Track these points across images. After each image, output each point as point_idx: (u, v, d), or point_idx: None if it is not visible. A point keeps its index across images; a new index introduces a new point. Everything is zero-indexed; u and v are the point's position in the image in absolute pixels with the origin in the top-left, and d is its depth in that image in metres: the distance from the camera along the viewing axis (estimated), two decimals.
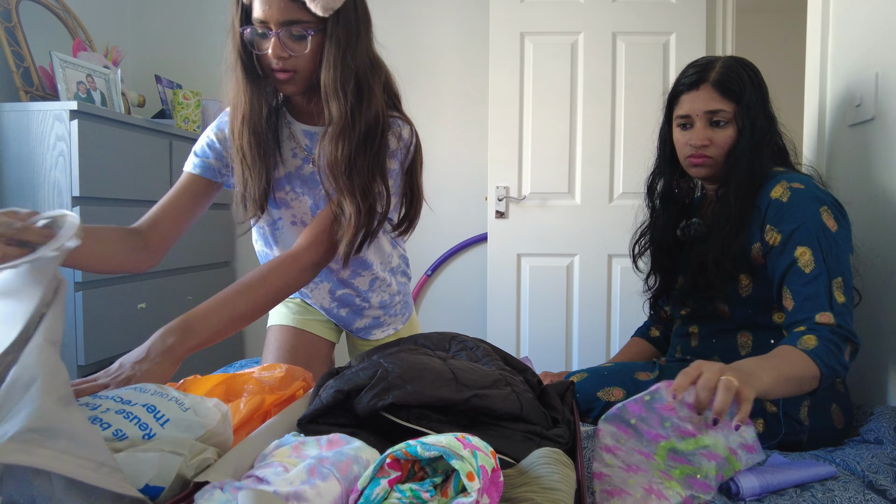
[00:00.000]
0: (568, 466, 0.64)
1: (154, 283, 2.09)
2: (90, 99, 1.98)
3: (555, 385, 0.89)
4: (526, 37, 2.37)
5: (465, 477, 0.52)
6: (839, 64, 1.38)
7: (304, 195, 1.13)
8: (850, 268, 1.01)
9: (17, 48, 1.93)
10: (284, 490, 0.53)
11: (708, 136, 1.11)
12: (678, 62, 2.31)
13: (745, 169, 1.07)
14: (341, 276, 1.23)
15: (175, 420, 0.65)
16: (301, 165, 1.11)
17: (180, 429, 0.65)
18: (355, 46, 0.99)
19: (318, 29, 0.97)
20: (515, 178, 2.41)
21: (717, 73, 1.10)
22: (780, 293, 1.03)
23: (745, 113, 1.08)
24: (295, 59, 0.98)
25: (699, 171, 1.14)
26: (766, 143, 1.09)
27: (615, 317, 2.41)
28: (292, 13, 0.94)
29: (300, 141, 1.11)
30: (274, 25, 0.95)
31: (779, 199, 1.03)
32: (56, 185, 1.75)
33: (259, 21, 0.96)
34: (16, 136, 1.77)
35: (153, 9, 2.71)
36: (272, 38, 0.96)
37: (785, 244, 1.01)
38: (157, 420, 0.65)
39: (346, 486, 0.57)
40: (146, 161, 2.05)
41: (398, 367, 0.74)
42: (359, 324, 1.34)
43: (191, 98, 2.40)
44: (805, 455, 0.97)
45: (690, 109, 1.12)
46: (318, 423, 0.72)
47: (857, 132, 1.32)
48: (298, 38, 0.97)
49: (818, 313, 0.96)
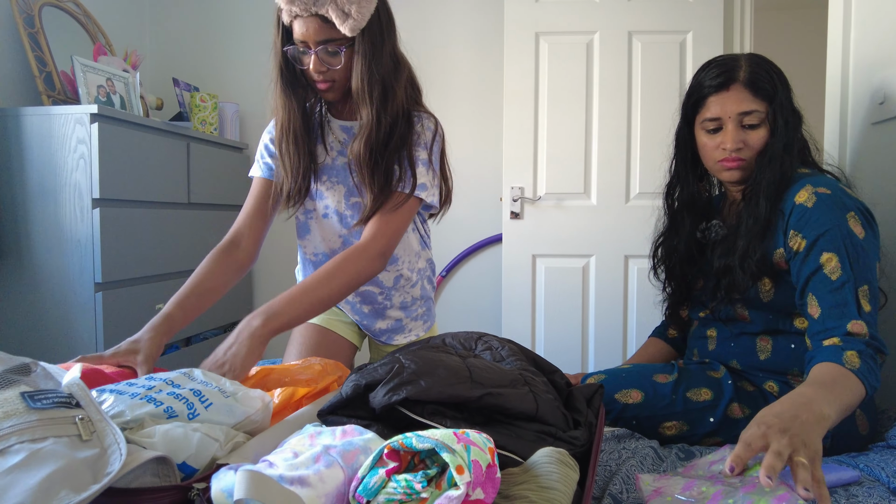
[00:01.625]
0: (570, 467, 0.64)
1: (171, 284, 2.12)
2: (110, 102, 2.01)
3: (583, 388, 0.89)
4: (541, 37, 2.36)
5: (454, 470, 0.53)
6: (861, 61, 1.35)
7: (339, 184, 1.25)
8: (876, 275, 0.98)
9: (40, 53, 1.97)
10: (289, 474, 0.55)
11: (742, 138, 1.07)
12: (695, 61, 2.28)
13: (777, 170, 1.04)
14: None
15: (217, 405, 0.72)
16: (336, 157, 1.25)
17: (222, 413, 0.72)
18: (380, 55, 1.12)
19: (349, 45, 1.11)
20: (530, 179, 2.40)
21: (746, 71, 1.06)
22: (804, 299, 1.00)
23: (779, 112, 1.05)
24: (332, 71, 1.12)
25: (732, 174, 1.10)
26: (795, 142, 1.07)
27: (632, 318, 2.39)
28: (326, 33, 1.09)
29: (338, 136, 1.25)
30: (312, 44, 1.10)
31: (803, 204, 1.01)
32: (77, 188, 1.78)
33: (299, 41, 1.11)
34: (38, 139, 1.80)
35: (171, 12, 2.75)
36: (311, 55, 1.11)
37: (810, 249, 0.99)
38: (202, 403, 0.72)
39: (350, 475, 0.59)
40: (164, 163, 2.08)
41: (414, 364, 0.75)
42: (380, 325, 1.36)
43: (208, 100, 2.43)
44: (828, 460, 0.95)
45: (721, 112, 1.07)
46: (337, 415, 0.75)
47: (880, 130, 1.29)
48: (333, 54, 1.11)
49: (850, 322, 0.93)
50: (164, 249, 2.08)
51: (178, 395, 0.72)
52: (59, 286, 1.80)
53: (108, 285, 1.83)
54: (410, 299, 1.37)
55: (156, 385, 0.73)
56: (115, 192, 1.84)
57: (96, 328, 1.79)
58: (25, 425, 0.54)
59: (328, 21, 1.07)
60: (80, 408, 0.59)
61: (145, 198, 1.99)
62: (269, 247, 2.75)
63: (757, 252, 1.04)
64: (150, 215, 2.00)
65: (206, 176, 2.32)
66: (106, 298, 1.80)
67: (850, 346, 0.91)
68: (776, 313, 1.07)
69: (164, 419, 0.68)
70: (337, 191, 1.25)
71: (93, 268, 1.78)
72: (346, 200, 1.25)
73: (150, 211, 2.01)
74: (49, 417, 0.56)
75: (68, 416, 0.57)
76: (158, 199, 2.05)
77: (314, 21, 1.07)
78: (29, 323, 1.82)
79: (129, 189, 1.91)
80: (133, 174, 1.92)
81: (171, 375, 0.77)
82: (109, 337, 1.81)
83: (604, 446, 0.97)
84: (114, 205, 1.85)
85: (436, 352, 0.82)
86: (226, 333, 2.48)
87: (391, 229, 1.15)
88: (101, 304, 1.79)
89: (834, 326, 0.94)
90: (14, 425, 0.54)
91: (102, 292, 1.79)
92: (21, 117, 1.80)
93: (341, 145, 1.24)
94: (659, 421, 1.06)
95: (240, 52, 2.74)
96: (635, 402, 1.07)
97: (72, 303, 1.80)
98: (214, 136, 2.42)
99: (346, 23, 1.07)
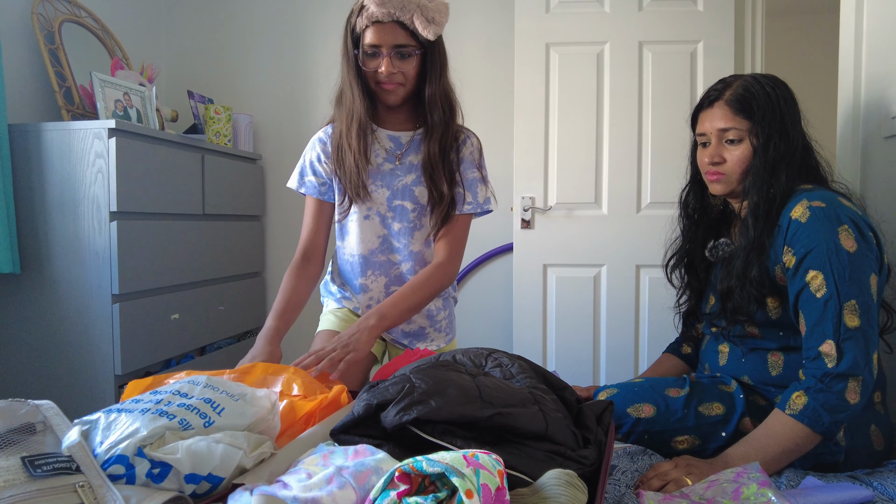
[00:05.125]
0: (579, 489, 0.65)
1: (187, 294, 2.15)
2: (127, 116, 2.05)
3: (593, 405, 0.89)
4: (551, 47, 2.37)
5: (464, 494, 0.54)
6: (873, 75, 1.35)
7: (383, 187, 1.35)
8: (870, 289, 0.97)
9: (60, 69, 2.01)
10: (303, 496, 0.57)
11: (720, 153, 1.12)
12: (706, 70, 2.28)
13: (762, 188, 1.06)
14: (399, 271, 1.40)
15: (230, 409, 0.75)
16: (382, 163, 1.35)
17: (234, 415, 0.74)
18: (446, 67, 1.31)
19: (419, 51, 1.25)
20: (541, 188, 2.40)
21: (734, 90, 1.10)
22: (797, 317, 1.02)
23: (759, 130, 1.07)
24: (400, 74, 1.25)
25: (715, 187, 1.15)
26: (785, 162, 1.07)
27: (643, 328, 2.38)
28: (402, 38, 1.22)
29: (384, 144, 1.36)
30: (386, 49, 1.22)
31: (798, 219, 1.01)
32: (95, 201, 1.82)
33: (371, 45, 1.22)
34: (58, 154, 1.84)
35: (186, 25, 2.79)
36: (384, 58, 1.23)
37: (798, 267, 1.00)
38: (214, 409, 0.74)
39: (362, 496, 0.60)
40: (179, 175, 2.12)
41: (424, 383, 0.75)
42: (405, 327, 1.43)
43: (222, 112, 2.46)
44: (841, 477, 0.95)
45: (706, 127, 1.14)
46: (349, 434, 0.76)
47: (893, 144, 1.29)
48: (405, 57, 1.24)
49: (822, 343, 0.97)
50: (180, 260, 2.11)
51: (190, 405, 0.73)
52: (77, 297, 1.84)
53: (126, 296, 1.86)
54: (435, 309, 1.45)
55: (164, 398, 0.74)
56: (132, 205, 1.88)
57: (113, 339, 1.82)
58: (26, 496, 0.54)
59: (405, 27, 1.21)
60: (81, 473, 0.60)
61: (161, 210, 2.02)
62: (280, 260, 2.78)
63: (752, 272, 1.05)
64: (165, 227, 2.03)
65: (220, 187, 2.35)
66: (123, 309, 1.83)
67: (802, 384, 0.97)
68: (786, 329, 1.07)
69: (181, 431, 0.69)
70: (381, 194, 1.35)
71: (110, 279, 1.81)
72: (389, 203, 1.35)
73: (166, 223, 2.04)
74: (49, 486, 0.56)
75: (68, 484, 0.58)
76: (174, 210, 2.09)
77: (392, 26, 1.21)
78: (48, 333, 1.86)
79: (146, 201, 1.94)
80: (149, 187, 1.95)
81: (177, 386, 0.78)
82: (127, 347, 1.84)
83: (617, 462, 0.97)
84: (130, 217, 1.88)
85: (446, 370, 0.83)
86: (239, 342, 2.51)
87: (461, 248, 1.37)
88: (119, 315, 1.82)
89: (811, 346, 0.98)
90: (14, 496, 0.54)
91: (120, 303, 1.83)
92: (42, 132, 1.84)
93: (387, 153, 1.35)
94: (671, 435, 1.06)
95: (253, 63, 2.78)
96: (647, 417, 1.07)
97: (90, 314, 1.83)
98: (228, 147, 2.46)
99: (430, 28, 1.21)
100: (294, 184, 1.41)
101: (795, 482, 0.92)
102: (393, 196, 1.35)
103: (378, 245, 1.37)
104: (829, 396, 0.93)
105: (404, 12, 1.20)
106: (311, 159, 1.39)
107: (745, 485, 0.80)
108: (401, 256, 1.38)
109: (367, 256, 1.38)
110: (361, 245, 1.37)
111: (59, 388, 1.86)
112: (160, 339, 2.00)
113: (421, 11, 1.20)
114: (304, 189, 1.40)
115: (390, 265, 1.39)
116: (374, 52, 1.23)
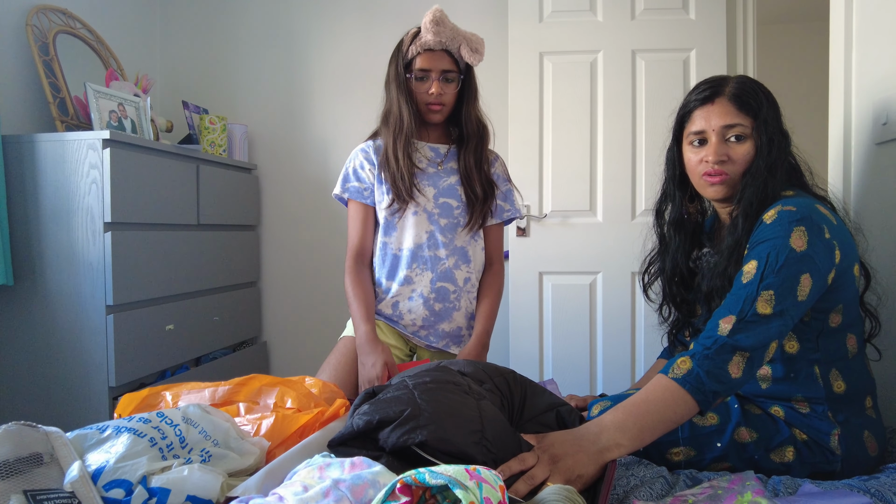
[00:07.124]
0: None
1: (182, 305, 2.14)
2: (121, 127, 2.05)
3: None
4: (545, 56, 2.39)
5: None
6: (864, 80, 1.36)
7: (429, 186, 1.51)
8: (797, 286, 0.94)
9: (54, 80, 2.01)
10: None
11: (725, 151, 1.06)
12: (699, 78, 2.29)
13: (759, 189, 1.03)
14: (444, 266, 1.51)
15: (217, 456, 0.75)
16: (426, 167, 1.52)
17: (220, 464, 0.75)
18: (477, 92, 1.53)
19: (460, 77, 1.47)
20: (536, 197, 2.41)
21: (732, 87, 1.07)
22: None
23: (763, 128, 1.04)
24: (445, 95, 1.45)
25: (716, 189, 1.09)
26: (781, 162, 1.05)
27: (640, 335, 2.38)
28: (449, 64, 1.44)
29: (425, 153, 1.54)
30: (435, 73, 1.43)
31: (765, 220, 1.00)
32: (89, 212, 1.81)
33: (422, 69, 1.43)
34: (52, 165, 1.83)
35: (181, 36, 2.80)
36: (433, 81, 1.43)
37: (746, 259, 0.99)
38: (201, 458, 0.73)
39: None
40: (174, 186, 2.11)
41: (430, 408, 0.75)
42: (444, 326, 1.53)
43: (217, 122, 2.46)
44: (838, 484, 0.94)
45: (705, 125, 1.08)
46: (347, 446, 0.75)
47: (884, 151, 1.30)
48: (450, 81, 1.46)
49: (724, 317, 0.95)
50: (175, 271, 2.10)
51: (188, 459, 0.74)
52: (71, 308, 1.83)
53: (120, 307, 1.85)
54: (470, 315, 1.56)
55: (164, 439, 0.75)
56: (126, 216, 1.87)
57: (108, 350, 1.81)
58: None
59: (450, 55, 1.44)
60: None
61: (156, 220, 2.02)
62: (275, 270, 2.77)
63: (735, 271, 1.02)
64: (160, 237, 2.03)
65: (215, 197, 2.35)
66: (117, 320, 1.82)
67: (689, 351, 0.94)
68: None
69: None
70: (427, 193, 1.50)
71: (104, 290, 1.81)
72: (436, 201, 1.50)
73: (161, 233, 2.03)
74: None
75: None
76: (169, 221, 2.08)
77: (441, 54, 1.43)
78: (41, 345, 1.85)
79: (140, 212, 1.94)
80: (144, 197, 1.95)
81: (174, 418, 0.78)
82: (121, 359, 1.83)
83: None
84: (125, 228, 1.88)
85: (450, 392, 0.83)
86: (234, 353, 2.50)
87: (503, 252, 1.65)
88: (113, 325, 1.81)
89: (713, 320, 0.96)
90: None
91: (114, 314, 1.82)
92: (36, 143, 1.84)
93: (428, 161, 1.53)
94: (666, 447, 1.05)
95: (248, 73, 2.78)
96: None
97: (84, 325, 1.82)
98: (223, 157, 2.46)
99: (474, 56, 1.44)
100: (338, 190, 1.55)
101: (793, 489, 0.92)
102: (439, 194, 1.50)
103: (425, 240, 1.50)
104: (713, 363, 0.90)
105: (453, 42, 1.42)
106: (355, 167, 1.53)
107: (740, 492, 0.79)
108: (446, 252, 1.51)
109: (414, 251, 1.50)
110: (412, 238, 1.50)
111: (53, 400, 1.84)
112: (155, 350, 1.99)
113: (467, 42, 1.42)
114: (347, 194, 1.53)
115: (437, 261, 1.51)
116: (424, 77, 1.43)
